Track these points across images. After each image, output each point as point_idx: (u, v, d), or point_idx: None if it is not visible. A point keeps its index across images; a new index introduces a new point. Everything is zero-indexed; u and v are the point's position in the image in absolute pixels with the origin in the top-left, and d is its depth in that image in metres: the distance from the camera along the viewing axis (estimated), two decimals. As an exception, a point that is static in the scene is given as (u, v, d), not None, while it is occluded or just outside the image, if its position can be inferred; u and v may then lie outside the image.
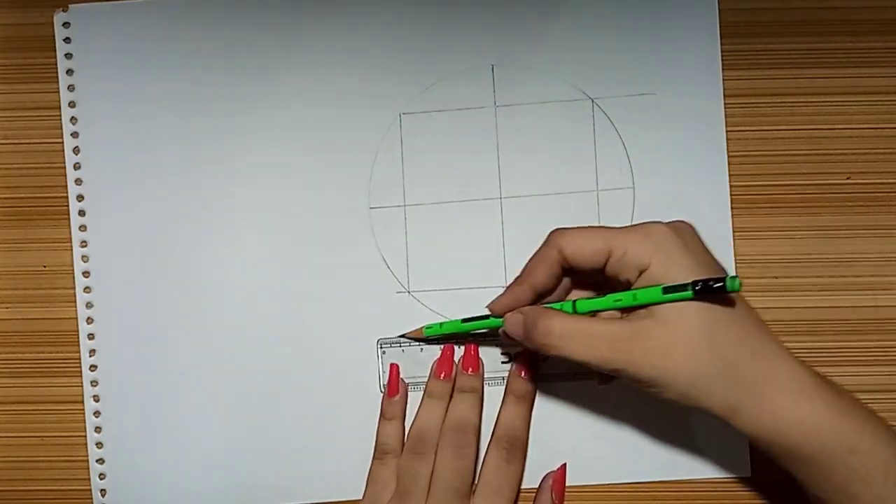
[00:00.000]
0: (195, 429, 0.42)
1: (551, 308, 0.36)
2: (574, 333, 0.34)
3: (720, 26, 0.41)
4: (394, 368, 0.41)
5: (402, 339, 0.41)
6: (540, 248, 0.36)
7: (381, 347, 0.41)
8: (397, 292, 0.41)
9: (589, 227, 0.36)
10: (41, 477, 0.42)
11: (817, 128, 0.41)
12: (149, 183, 0.42)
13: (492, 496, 0.38)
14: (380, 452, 0.40)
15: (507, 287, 0.37)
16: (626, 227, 0.35)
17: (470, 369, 0.40)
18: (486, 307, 0.38)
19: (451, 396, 0.40)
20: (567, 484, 0.41)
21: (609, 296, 0.35)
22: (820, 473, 0.33)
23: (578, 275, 0.37)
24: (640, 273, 0.34)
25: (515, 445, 0.39)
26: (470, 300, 0.41)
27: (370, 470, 0.40)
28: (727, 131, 0.41)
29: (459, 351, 0.41)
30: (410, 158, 0.41)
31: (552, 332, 0.34)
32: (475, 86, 0.41)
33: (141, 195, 0.42)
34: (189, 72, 0.42)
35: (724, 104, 0.41)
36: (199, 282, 0.42)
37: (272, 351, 0.41)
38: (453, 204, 0.41)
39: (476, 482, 0.39)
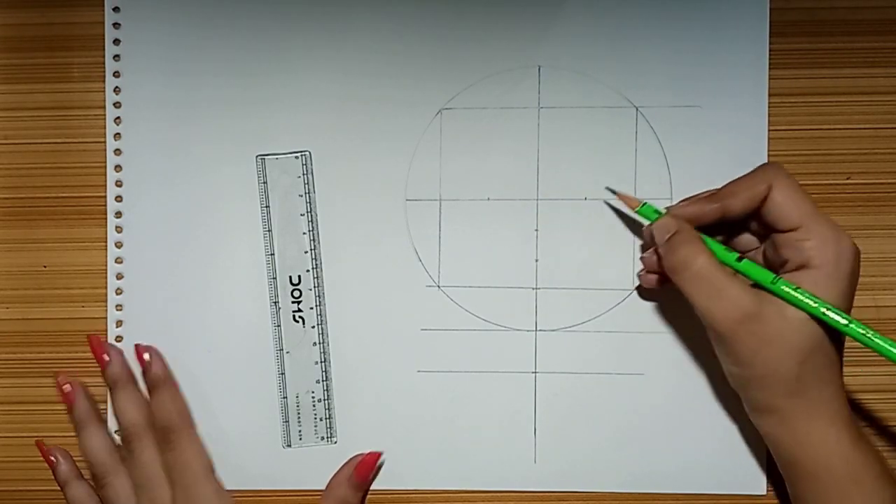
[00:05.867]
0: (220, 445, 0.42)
1: (704, 240, 0.35)
2: (707, 280, 0.34)
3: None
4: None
5: None
6: (749, 176, 0.35)
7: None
8: (427, 286, 0.41)
9: (803, 191, 0.34)
10: (41, 477, 0.42)
11: (817, 128, 0.41)
12: (185, 182, 0.42)
13: None
14: (98, 477, 0.40)
15: (695, 197, 0.37)
16: (827, 220, 0.34)
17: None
18: (666, 207, 0.37)
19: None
20: (577, 490, 0.41)
21: (776, 277, 0.34)
22: (819, 495, 0.34)
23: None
24: (790, 252, 0.34)
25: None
26: (500, 299, 0.41)
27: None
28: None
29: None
30: (450, 153, 0.41)
31: (690, 267, 0.34)
32: (520, 86, 0.41)
33: (176, 193, 0.42)
34: (231, 72, 0.41)
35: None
36: (228, 278, 0.42)
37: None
38: (489, 202, 0.41)
39: None
